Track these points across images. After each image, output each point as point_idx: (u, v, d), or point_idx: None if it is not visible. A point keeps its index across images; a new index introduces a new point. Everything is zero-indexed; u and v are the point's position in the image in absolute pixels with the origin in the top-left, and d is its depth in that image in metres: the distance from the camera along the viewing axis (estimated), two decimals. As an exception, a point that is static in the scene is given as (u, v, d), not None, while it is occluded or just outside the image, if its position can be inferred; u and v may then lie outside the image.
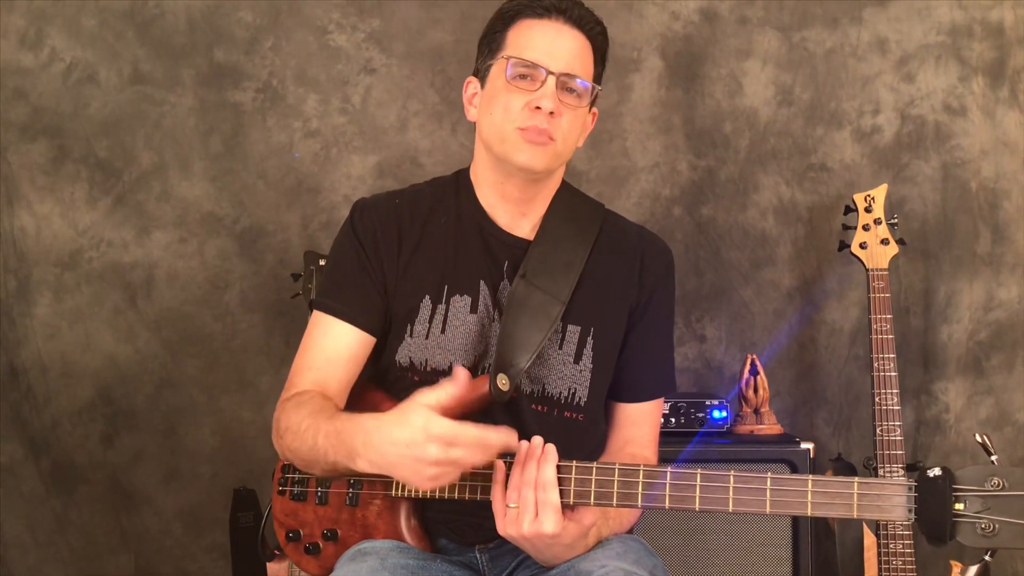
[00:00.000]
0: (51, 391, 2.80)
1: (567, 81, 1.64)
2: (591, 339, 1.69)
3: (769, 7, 2.83)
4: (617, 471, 1.44)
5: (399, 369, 1.68)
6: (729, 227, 2.84)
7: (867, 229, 2.49)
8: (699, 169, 2.84)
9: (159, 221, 2.81)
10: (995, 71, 2.83)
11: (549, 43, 1.64)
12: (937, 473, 1.30)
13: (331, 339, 1.66)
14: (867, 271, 2.47)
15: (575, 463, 1.46)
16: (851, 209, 2.53)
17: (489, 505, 1.48)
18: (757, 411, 2.53)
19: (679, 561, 2.34)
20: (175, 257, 2.82)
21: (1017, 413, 2.84)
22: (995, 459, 1.31)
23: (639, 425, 1.75)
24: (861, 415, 2.78)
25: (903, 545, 2.35)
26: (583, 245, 1.71)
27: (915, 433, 2.82)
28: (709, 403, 2.47)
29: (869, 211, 2.50)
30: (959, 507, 1.29)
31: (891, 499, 1.32)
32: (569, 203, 1.75)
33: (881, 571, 2.36)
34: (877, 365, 2.41)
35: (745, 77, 2.84)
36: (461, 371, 1.42)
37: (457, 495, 1.53)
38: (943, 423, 2.83)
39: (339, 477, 1.62)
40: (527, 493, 1.44)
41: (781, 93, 2.84)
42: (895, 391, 2.39)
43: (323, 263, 2.37)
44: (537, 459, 1.45)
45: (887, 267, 2.46)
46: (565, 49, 1.64)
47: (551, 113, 1.61)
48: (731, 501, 1.39)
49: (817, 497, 1.35)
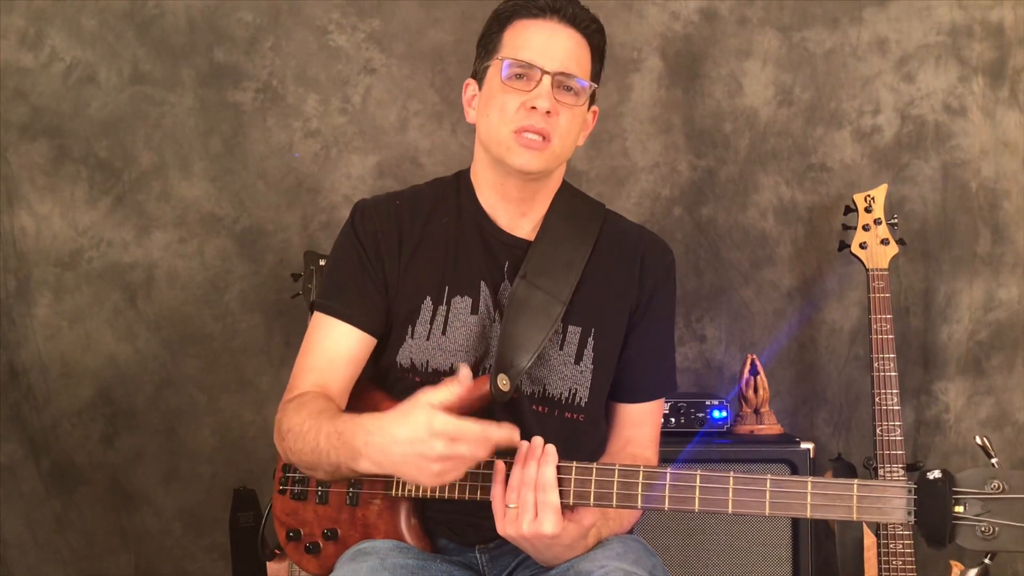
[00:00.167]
0: (51, 391, 2.80)
1: (564, 80, 1.63)
2: (592, 340, 1.69)
3: (769, 7, 2.83)
4: (617, 472, 1.44)
5: (400, 370, 1.68)
6: (729, 227, 2.84)
7: (867, 229, 2.49)
8: (699, 169, 2.84)
9: (159, 221, 2.81)
10: (995, 71, 2.82)
11: (544, 43, 1.63)
12: (937, 475, 1.30)
13: (332, 340, 1.66)
14: (867, 271, 2.47)
15: (575, 464, 1.46)
16: (851, 209, 2.54)
17: (489, 505, 1.48)
18: (757, 411, 2.53)
19: (679, 561, 2.34)
20: (175, 257, 2.82)
21: (1017, 413, 2.84)
22: (995, 461, 1.31)
23: (640, 425, 1.75)
24: (861, 415, 2.78)
25: (903, 545, 2.36)
26: (584, 245, 1.71)
27: (915, 433, 2.82)
28: (709, 403, 2.47)
29: (869, 211, 2.50)
30: (959, 510, 1.29)
31: (891, 501, 1.32)
32: (569, 203, 1.75)
33: (881, 571, 2.36)
34: (877, 365, 2.41)
35: (745, 77, 2.83)
36: (466, 370, 1.42)
37: (457, 495, 1.53)
38: (943, 423, 2.83)
39: (343, 479, 1.62)
40: (527, 493, 1.44)
41: (781, 93, 2.84)
42: (895, 391, 2.39)
43: (323, 263, 2.37)
44: (537, 459, 1.45)
45: (887, 267, 2.46)
46: (560, 48, 1.64)
47: (548, 113, 1.61)
48: (731, 502, 1.39)
49: (816, 499, 1.35)
